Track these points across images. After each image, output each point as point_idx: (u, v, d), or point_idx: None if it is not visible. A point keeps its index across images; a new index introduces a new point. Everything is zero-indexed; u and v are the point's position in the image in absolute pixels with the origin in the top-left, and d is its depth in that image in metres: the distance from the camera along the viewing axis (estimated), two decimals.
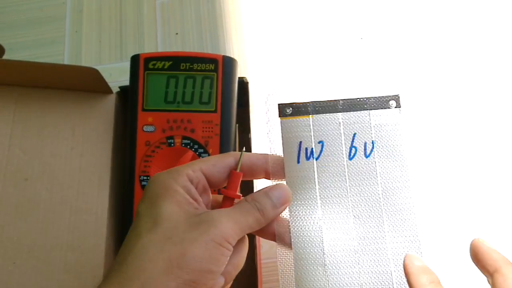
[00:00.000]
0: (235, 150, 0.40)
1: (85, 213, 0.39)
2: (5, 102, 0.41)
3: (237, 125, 0.41)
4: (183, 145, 0.39)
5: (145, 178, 0.39)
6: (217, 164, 0.26)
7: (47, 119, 0.42)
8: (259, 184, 0.43)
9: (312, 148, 0.27)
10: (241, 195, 0.27)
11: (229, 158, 0.27)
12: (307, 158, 0.27)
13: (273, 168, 0.27)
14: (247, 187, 0.41)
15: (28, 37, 0.57)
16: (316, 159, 0.27)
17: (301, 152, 0.27)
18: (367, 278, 0.25)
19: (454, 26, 0.54)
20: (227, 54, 0.51)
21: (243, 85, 0.42)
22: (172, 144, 0.39)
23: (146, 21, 0.56)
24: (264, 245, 0.45)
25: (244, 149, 0.27)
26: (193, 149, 0.38)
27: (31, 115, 0.42)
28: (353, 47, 0.53)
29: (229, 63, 0.40)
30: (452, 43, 0.53)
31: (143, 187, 0.38)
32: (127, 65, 0.41)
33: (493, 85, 0.51)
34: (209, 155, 0.38)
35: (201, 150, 0.38)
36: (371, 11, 0.55)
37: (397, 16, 0.55)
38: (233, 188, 0.26)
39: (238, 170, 0.26)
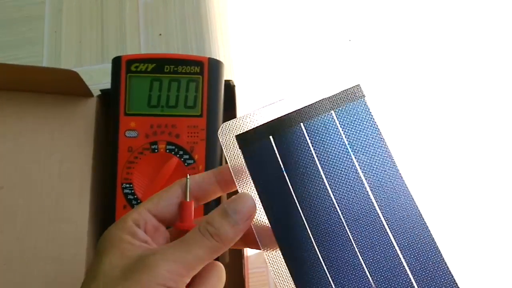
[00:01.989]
0: (221, 156, 0.38)
1: (64, 222, 0.38)
2: None
3: None
4: (168, 151, 0.37)
5: (127, 185, 0.37)
6: (162, 199, 0.25)
7: (24, 123, 0.40)
8: None
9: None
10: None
11: (174, 189, 0.25)
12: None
13: (223, 182, 0.25)
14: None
15: (5, 37, 0.55)
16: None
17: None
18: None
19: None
20: (213, 56, 0.50)
21: (230, 88, 0.41)
22: (156, 150, 0.37)
23: (128, 21, 0.54)
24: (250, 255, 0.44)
25: (188, 175, 0.25)
26: (177, 155, 0.37)
27: (7, 119, 0.40)
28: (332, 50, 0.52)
29: (215, 66, 0.38)
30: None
31: (125, 195, 0.37)
32: (108, 67, 0.40)
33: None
34: (194, 161, 0.37)
35: (186, 156, 0.37)
36: (357, 13, 0.54)
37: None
38: (187, 219, 0.24)
39: (187, 199, 0.25)
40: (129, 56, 0.39)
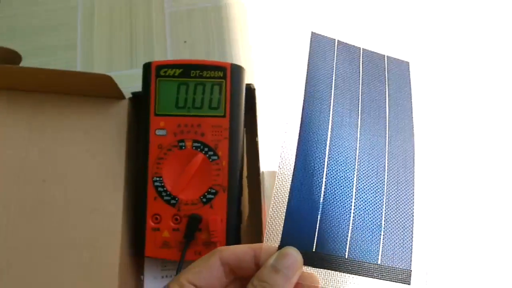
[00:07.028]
0: (243, 153, 0.41)
1: (100, 213, 0.41)
2: (22, 108, 0.43)
3: (244, 129, 0.43)
4: (194, 148, 0.41)
5: (157, 179, 0.40)
6: (202, 271, 0.25)
7: (62, 123, 0.44)
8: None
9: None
10: None
11: (213, 260, 0.25)
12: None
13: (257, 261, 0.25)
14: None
15: (40, 43, 0.59)
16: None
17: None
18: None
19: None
20: (234, 61, 0.53)
21: (250, 91, 0.44)
22: (183, 147, 0.41)
23: (156, 29, 0.58)
24: None
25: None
26: (203, 152, 0.40)
27: (47, 120, 0.43)
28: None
29: (237, 71, 0.42)
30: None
31: (155, 187, 0.40)
32: (136, 72, 0.43)
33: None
34: (218, 157, 0.40)
35: (211, 153, 0.40)
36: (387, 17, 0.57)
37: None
38: None
39: None
40: (159, 62, 0.42)
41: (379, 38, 0.55)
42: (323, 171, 0.27)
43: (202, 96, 0.41)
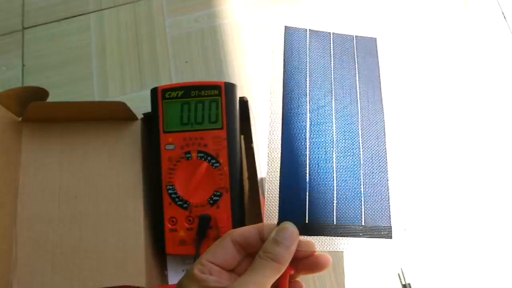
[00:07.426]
0: (241, 158, 0.48)
1: (125, 219, 0.47)
2: (53, 136, 0.50)
3: (241, 136, 0.49)
4: (199, 157, 0.47)
5: (170, 187, 0.47)
6: (218, 250, 0.29)
7: (87, 146, 0.50)
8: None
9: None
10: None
11: (226, 241, 0.29)
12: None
13: (262, 237, 0.29)
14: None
15: (61, 75, 0.66)
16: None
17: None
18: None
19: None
20: (229, 76, 0.60)
21: (244, 103, 0.50)
22: (190, 158, 0.47)
23: (160, 53, 0.65)
24: None
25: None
26: (207, 160, 0.47)
27: (75, 144, 0.50)
28: None
29: (230, 88, 0.48)
30: None
31: (169, 194, 0.47)
32: (146, 93, 0.50)
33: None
34: (220, 164, 0.47)
35: (214, 161, 0.47)
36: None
37: None
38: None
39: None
40: (163, 86, 0.49)
41: (348, 21, 0.60)
42: (306, 153, 0.31)
43: (202, 112, 0.48)
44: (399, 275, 0.39)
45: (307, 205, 0.31)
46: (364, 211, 0.31)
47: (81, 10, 0.68)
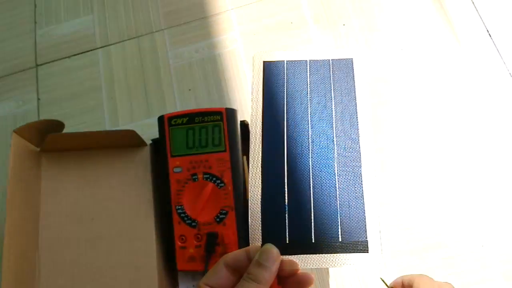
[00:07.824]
0: (244, 178, 0.52)
1: (137, 240, 0.50)
2: (70, 164, 0.54)
3: (244, 157, 0.53)
4: (204, 179, 0.51)
5: (179, 207, 0.51)
6: (213, 275, 0.31)
7: (101, 172, 0.54)
8: None
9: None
10: None
11: (220, 266, 0.31)
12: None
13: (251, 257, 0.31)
14: None
15: (73, 107, 0.70)
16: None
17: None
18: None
19: None
20: (230, 101, 0.64)
21: (245, 126, 0.54)
22: (196, 179, 0.51)
23: (164, 82, 0.69)
24: None
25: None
26: (212, 181, 0.51)
27: (90, 171, 0.54)
28: None
29: (231, 113, 0.52)
30: None
31: (178, 214, 0.51)
32: (153, 120, 0.54)
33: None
34: (224, 184, 0.50)
35: (218, 181, 0.51)
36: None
37: None
38: None
39: None
40: (169, 114, 0.52)
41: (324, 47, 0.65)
42: (285, 178, 0.34)
43: (206, 137, 0.52)
44: (381, 279, 0.42)
45: (287, 226, 0.33)
46: (341, 228, 0.33)
47: (90, 46, 0.73)
